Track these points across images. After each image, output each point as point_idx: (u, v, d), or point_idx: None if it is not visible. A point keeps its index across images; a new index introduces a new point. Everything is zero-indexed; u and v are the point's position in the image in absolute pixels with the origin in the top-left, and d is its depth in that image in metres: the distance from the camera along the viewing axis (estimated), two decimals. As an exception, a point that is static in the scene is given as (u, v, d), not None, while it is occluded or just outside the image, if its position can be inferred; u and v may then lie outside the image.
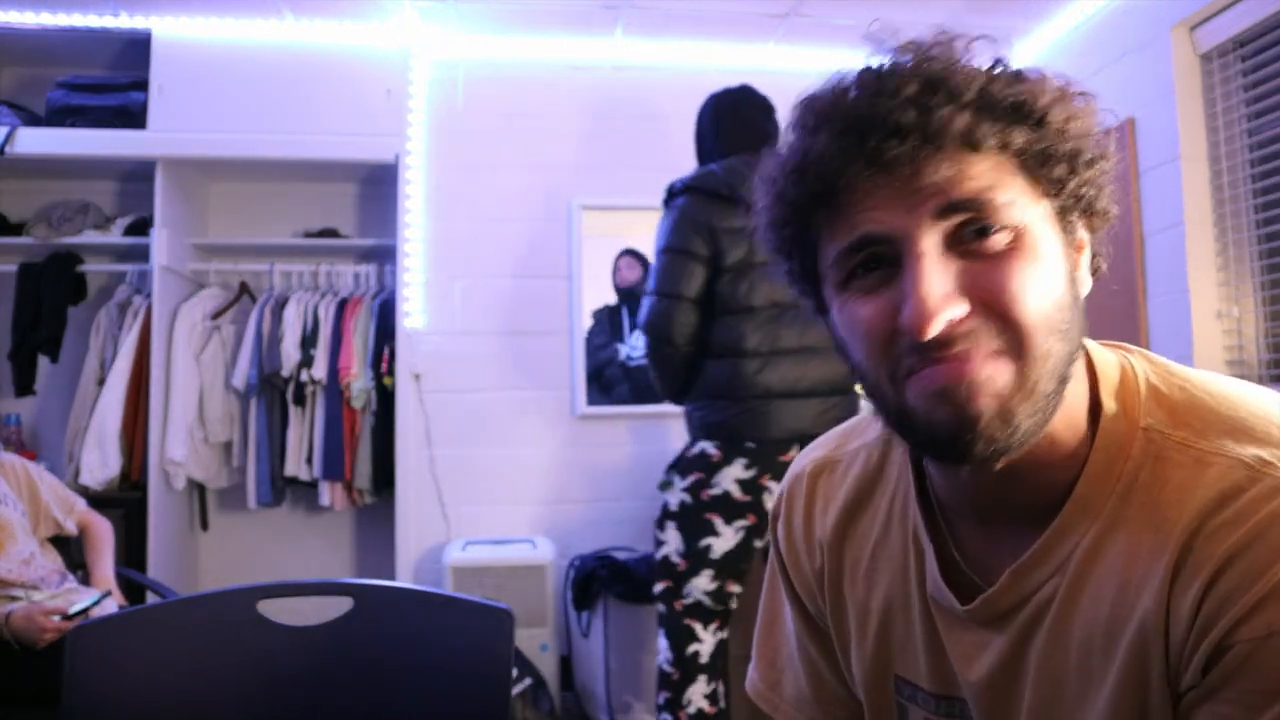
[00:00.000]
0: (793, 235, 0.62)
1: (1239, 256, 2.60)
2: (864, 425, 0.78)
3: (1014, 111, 0.56)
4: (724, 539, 2.15)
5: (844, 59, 0.61)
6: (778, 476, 2.14)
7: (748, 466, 2.15)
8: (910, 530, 0.70)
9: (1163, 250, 2.72)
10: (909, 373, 0.57)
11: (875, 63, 0.59)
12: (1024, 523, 0.62)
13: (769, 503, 2.09)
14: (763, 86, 2.39)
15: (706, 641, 2.15)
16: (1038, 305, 0.55)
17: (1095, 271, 0.64)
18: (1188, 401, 0.60)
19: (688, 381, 2.24)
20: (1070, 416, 0.60)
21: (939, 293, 0.54)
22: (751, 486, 2.16)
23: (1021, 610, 0.61)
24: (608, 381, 3.43)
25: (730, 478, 2.16)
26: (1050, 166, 0.57)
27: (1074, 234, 0.60)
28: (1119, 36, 2.91)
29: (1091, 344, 0.65)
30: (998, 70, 0.58)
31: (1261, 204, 2.53)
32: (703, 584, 2.15)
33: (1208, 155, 2.65)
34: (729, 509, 2.15)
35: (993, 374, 0.55)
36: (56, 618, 1.95)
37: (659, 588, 2.21)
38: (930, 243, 0.56)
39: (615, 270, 3.49)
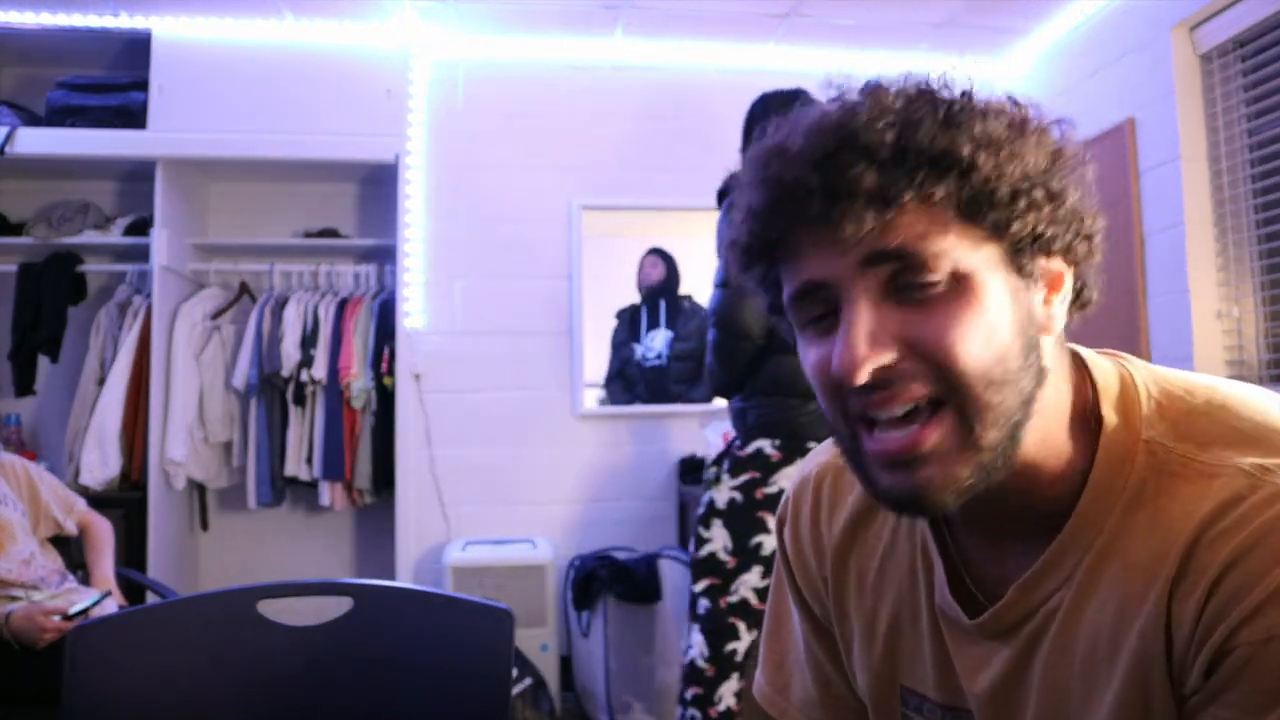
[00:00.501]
0: (759, 276, 0.65)
1: (1239, 256, 2.60)
2: None
3: (933, 164, 0.56)
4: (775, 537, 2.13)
5: (844, 59, 0.62)
6: None
7: (779, 446, 2.12)
8: (918, 543, 0.71)
9: (1163, 250, 2.72)
10: (859, 417, 0.59)
11: (800, 120, 0.60)
12: (1029, 535, 0.63)
13: None
14: (763, 86, 2.39)
15: (744, 640, 2.13)
16: (974, 354, 0.56)
17: (1085, 305, 0.64)
18: (1188, 411, 0.60)
19: (746, 379, 2.21)
20: (1053, 439, 0.61)
21: (865, 341, 0.56)
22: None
23: (1028, 622, 0.62)
24: (629, 380, 3.45)
25: (788, 477, 2.11)
26: (985, 213, 0.57)
27: (1033, 274, 0.60)
28: (1119, 36, 2.91)
29: (1089, 354, 0.65)
30: (925, 120, 0.57)
31: (1261, 204, 2.53)
32: (752, 580, 2.12)
33: (1208, 155, 2.65)
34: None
35: (938, 440, 0.57)
36: (56, 618, 1.95)
37: (701, 585, 2.17)
38: (861, 290, 0.57)
39: (640, 268, 3.50)
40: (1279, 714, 0.50)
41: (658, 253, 3.49)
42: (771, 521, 2.10)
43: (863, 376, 0.56)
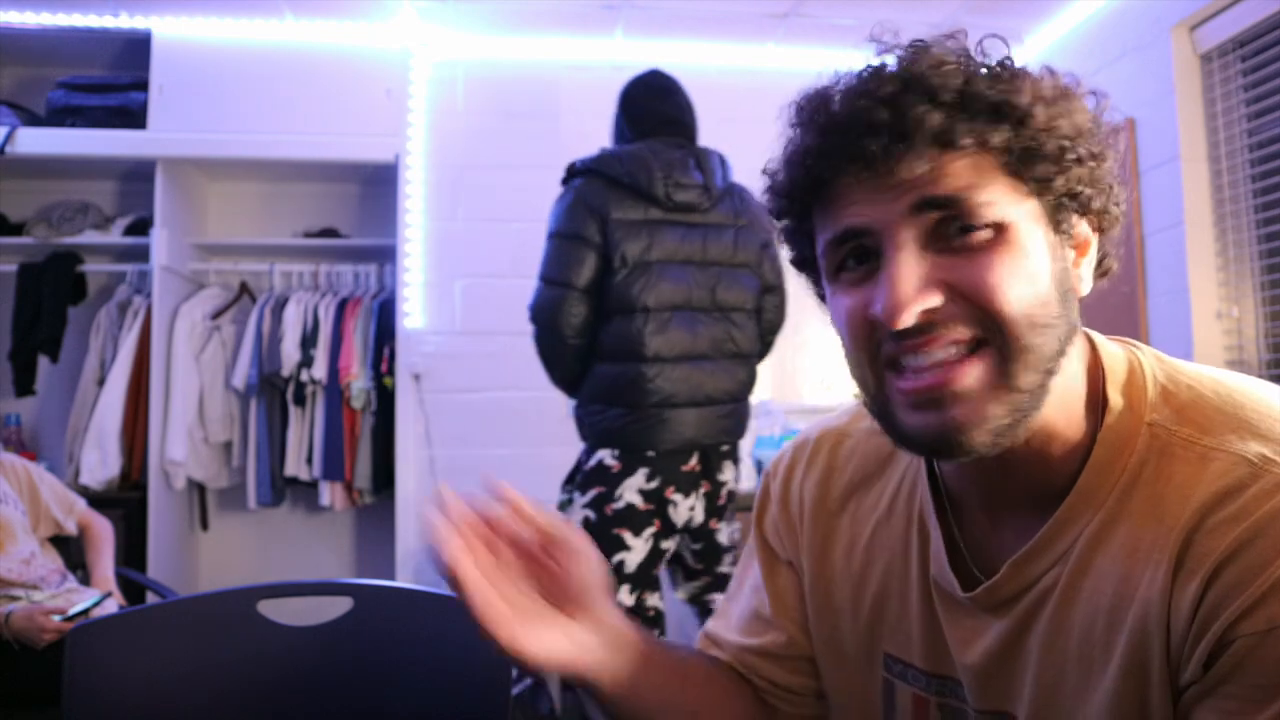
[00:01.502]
0: (792, 227, 0.65)
1: (1239, 256, 2.60)
2: None
3: (993, 111, 0.57)
4: (635, 551, 2.03)
5: (844, 59, 0.62)
6: (682, 488, 2.05)
7: (650, 477, 2.04)
8: (915, 513, 0.71)
9: (1163, 250, 2.72)
10: (889, 363, 0.59)
11: (863, 63, 0.60)
12: (1027, 511, 0.63)
13: (673, 514, 2.05)
14: (763, 86, 2.38)
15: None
16: (1016, 297, 0.56)
17: (1105, 273, 0.65)
18: (1194, 399, 0.60)
19: (579, 376, 2.13)
20: (1069, 409, 0.61)
21: (911, 284, 0.56)
22: (655, 497, 2.04)
23: (1023, 598, 0.62)
24: None
25: (633, 489, 2.04)
26: (1034, 165, 0.58)
27: (1069, 232, 0.61)
28: (1119, 36, 2.91)
29: (1099, 338, 0.65)
30: (984, 70, 0.59)
31: (1261, 204, 2.53)
32: (622, 599, 2.02)
33: (1208, 155, 2.65)
34: (635, 520, 2.03)
35: (972, 380, 0.57)
36: (57, 618, 1.95)
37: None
38: (907, 237, 0.57)
39: None
40: (1278, 706, 0.50)
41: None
42: (628, 537, 2.03)
43: (909, 319, 0.56)
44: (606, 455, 2.07)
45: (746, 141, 3.33)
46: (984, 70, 0.59)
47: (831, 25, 3.20)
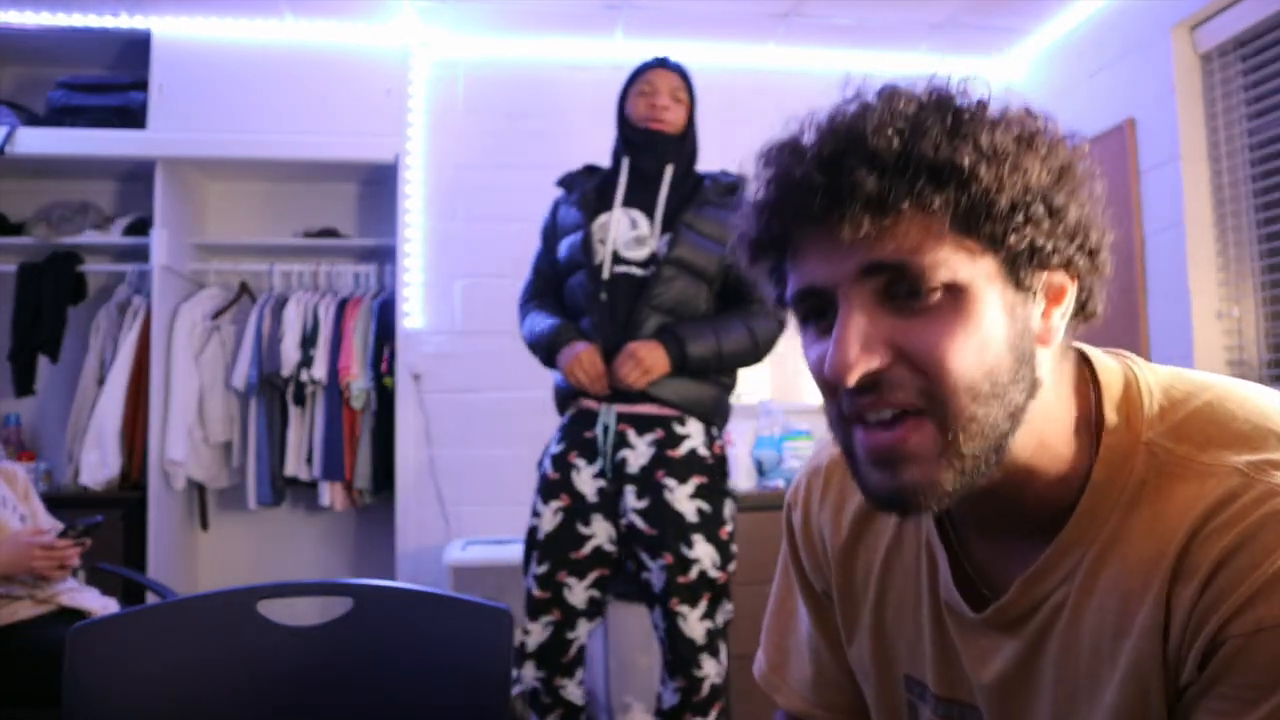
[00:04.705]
0: (767, 270, 0.66)
1: (1239, 256, 2.60)
2: None
3: (934, 173, 0.56)
4: (544, 520, 2.00)
5: (844, 59, 0.62)
6: (586, 453, 1.99)
7: (560, 439, 2.05)
8: (923, 540, 0.72)
9: (1163, 250, 2.72)
10: (853, 417, 0.60)
11: (809, 122, 0.61)
12: (1029, 536, 0.64)
13: (578, 481, 1.98)
14: (763, 87, 2.38)
15: (534, 633, 1.99)
16: (960, 369, 0.57)
17: (1089, 316, 0.64)
18: (1190, 414, 0.61)
19: None
20: (1056, 438, 0.62)
21: (856, 345, 0.57)
22: (561, 463, 2.01)
23: (1034, 617, 0.63)
24: None
25: (548, 454, 2.06)
26: (981, 225, 0.57)
27: (1032, 288, 0.60)
28: (1119, 36, 2.91)
29: (1096, 354, 0.66)
30: (934, 127, 0.57)
31: (1261, 204, 2.53)
32: (531, 568, 2.00)
33: (1208, 155, 2.65)
34: (546, 488, 2.02)
35: (916, 445, 0.58)
36: (50, 535, 1.95)
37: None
38: (858, 297, 0.58)
39: None
40: (1272, 705, 0.51)
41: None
42: (539, 504, 2.02)
43: (852, 379, 0.57)
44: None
45: (747, 141, 3.34)
46: (933, 128, 0.57)
47: (831, 25, 3.20)
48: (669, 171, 2.10)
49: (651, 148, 2.11)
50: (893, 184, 0.56)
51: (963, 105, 0.59)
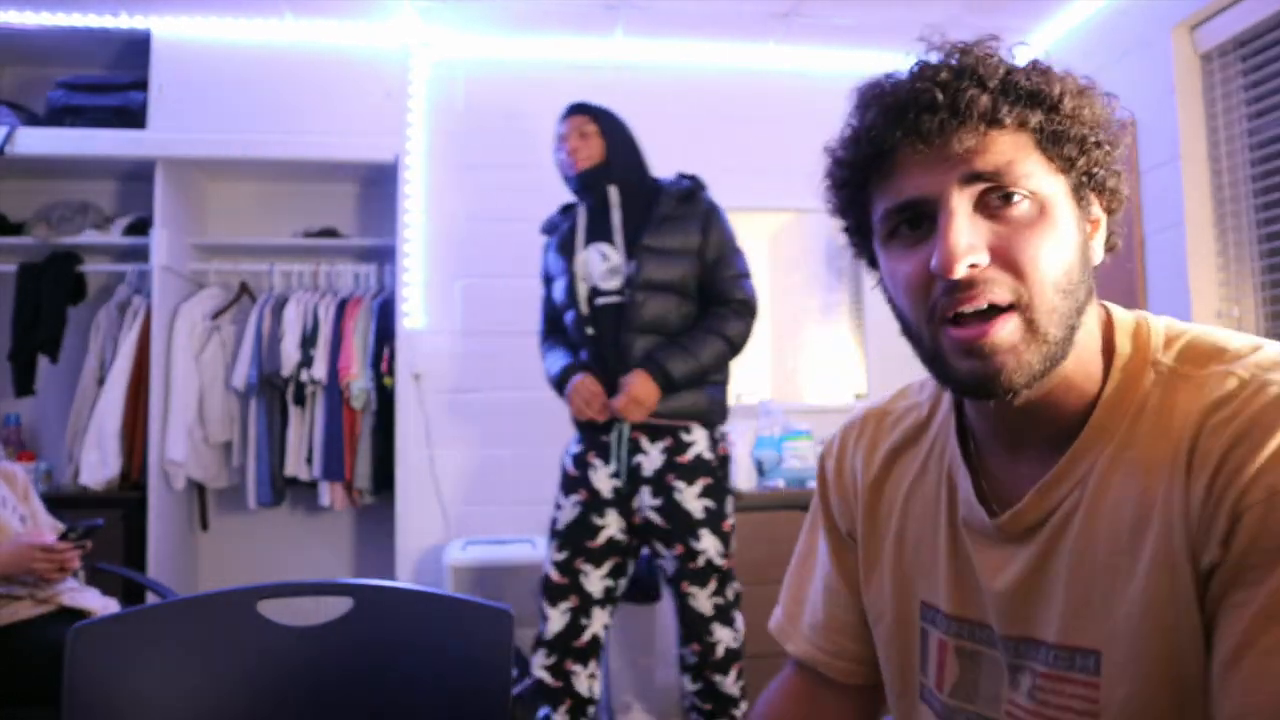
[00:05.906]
0: (849, 196, 0.74)
1: (1239, 256, 2.60)
2: (916, 388, 0.90)
3: (1031, 97, 0.67)
4: (565, 511, 2.25)
5: (844, 58, 0.66)
6: (602, 454, 2.23)
7: (579, 441, 2.28)
8: (944, 471, 0.80)
9: (1163, 250, 2.72)
10: (943, 316, 0.67)
11: (919, 56, 0.70)
12: (1047, 449, 0.71)
13: (595, 479, 2.22)
14: (763, 86, 2.39)
15: (553, 619, 2.21)
16: (1048, 267, 0.66)
17: (1112, 248, 0.74)
18: (1189, 342, 0.70)
19: None
20: (1083, 361, 0.70)
21: (964, 241, 0.65)
22: (580, 462, 2.25)
23: (1046, 523, 0.70)
24: None
25: (569, 453, 2.30)
26: (1063, 146, 0.68)
27: (1088, 209, 0.71)
28: (1119, 36, 2.91)
29: (1112, 305, 0.75)
30: (1022, 64, 0.69)
31: (1261, 204, 2.53)
32: (550, 555, 2.25)
33: (1208, 155, 2.65)
34: (566, 483, 2.27)
35: (1009, 333, 0.66)
36: (50, 539, 1.95)
37: None
38: (960, 203, 0.66)
39: None
40: None
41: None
42: (560, 497, 2.28)
43: (960, 270, 0.64)
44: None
45: (747, 140, 3.34)
46: (1026, 65, 0.68)
47: (832, 25, 3.20)
48: (614, 195, 2.30)
49: (586, 187, 2.32)
50: (1000, 102, 0.66)
51: (1030, 58, 0.70)
